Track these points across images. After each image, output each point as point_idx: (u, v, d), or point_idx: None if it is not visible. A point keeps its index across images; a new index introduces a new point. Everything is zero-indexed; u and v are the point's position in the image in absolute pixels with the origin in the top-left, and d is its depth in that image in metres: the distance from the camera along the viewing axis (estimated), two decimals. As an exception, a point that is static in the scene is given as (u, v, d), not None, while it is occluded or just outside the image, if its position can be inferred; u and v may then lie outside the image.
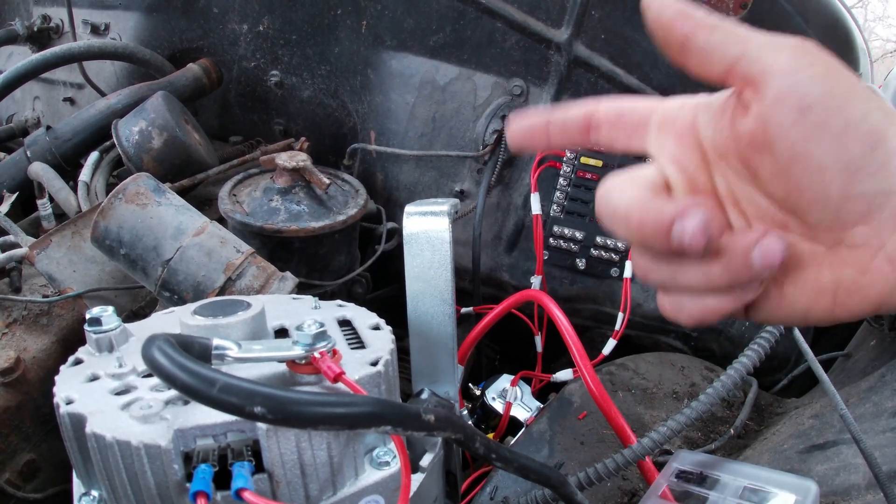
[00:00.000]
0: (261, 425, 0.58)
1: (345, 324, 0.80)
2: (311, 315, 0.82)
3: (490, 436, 1.53)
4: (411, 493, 0.71)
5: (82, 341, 0.75)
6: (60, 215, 1.57)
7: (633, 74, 1.52)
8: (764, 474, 0.88)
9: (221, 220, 1.36)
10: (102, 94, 1.91)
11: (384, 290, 1.71)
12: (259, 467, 0.60)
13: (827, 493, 1.01)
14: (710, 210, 0.45)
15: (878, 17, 10.03)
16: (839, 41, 1.50)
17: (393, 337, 0.75)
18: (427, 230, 0.92)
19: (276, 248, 1.37)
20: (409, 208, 0.95)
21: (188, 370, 0.52)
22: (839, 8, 1.50)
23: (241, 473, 0.56)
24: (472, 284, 1.64)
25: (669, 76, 1.51)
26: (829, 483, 1.03)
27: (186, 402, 0.62)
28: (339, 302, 0.86)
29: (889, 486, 0.88)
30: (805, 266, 0.48)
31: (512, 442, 1.39)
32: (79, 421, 0.61)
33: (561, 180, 1.56)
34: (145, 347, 0.56)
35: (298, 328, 0.62)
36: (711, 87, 0.48)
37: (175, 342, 0.56)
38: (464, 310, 1.63)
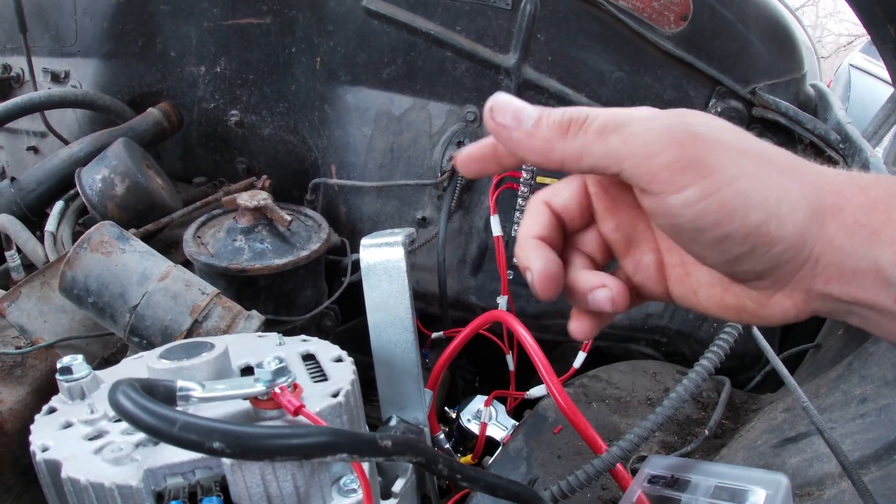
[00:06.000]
0: (226, 461, 0.60)
1: (308, 358, 0.82)
2: (274, 352, 0.83)
3: (468, 457, 1.54)
4: (385, 518, 0.73)
5: (56, 390, 0.76)
6: (29, 266, 1.57)
7: (581, 93, 1.56)
8: (735, 472, 0.90)
9: (188, 263, 1.37)
10: (65, 142, 1.91)
11: (355, 322, 1.72)
12: (228, 501, 0.62)
13: (802, 484, 1.02)
14: (615, 287, 0.54)
15: (830, 14, 10.20)
16: (780, 42, 1.54)
17: (354, 368, 0.77)
18: (384, 261, 0.94)
19: (243, 288, 1.39)
20: (364, 241, 0.97)
21: (151, 411, 0.54)
22: (779, 10, 1.54)
23: (210, 508, 0.58)
24: (441, 309, 1.66)
25: (617, 92, 1.55)
26: (803, 474, 1.04)
27: (156, 444, 0.64)
28: (304, 337, 0.88)
29: (856, 473, 0.89)
30: (710, 286, 0.53)
31: (490, 461, 1.40)
32: (55, 467, 0.64)
33: (520, 200, 1.59)
34: (111, 392, 0.58)
35: (259, 365, 0.64)
36: (655, 101, 0.52)
37: (139, 386, 0.58)
38: (434, 335, 1.65)
